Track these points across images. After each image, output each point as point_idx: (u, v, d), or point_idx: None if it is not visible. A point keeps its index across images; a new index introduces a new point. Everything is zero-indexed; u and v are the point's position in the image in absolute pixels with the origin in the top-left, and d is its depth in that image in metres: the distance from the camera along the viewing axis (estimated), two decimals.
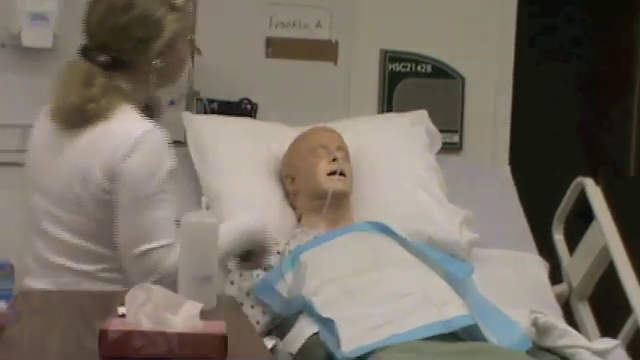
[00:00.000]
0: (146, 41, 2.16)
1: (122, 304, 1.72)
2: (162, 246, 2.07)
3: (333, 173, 2.84)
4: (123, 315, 1.68)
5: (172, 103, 3.40)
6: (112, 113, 2.18)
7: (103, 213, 2.14)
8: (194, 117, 3.16)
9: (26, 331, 1.77)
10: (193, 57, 3.35)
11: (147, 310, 1.61)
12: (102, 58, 2.19)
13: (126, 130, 2.14)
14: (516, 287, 2.84)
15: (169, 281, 2.00)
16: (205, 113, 3.40)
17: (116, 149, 2.12)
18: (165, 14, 2.14)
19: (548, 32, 4.55)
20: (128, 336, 1.57)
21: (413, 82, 3.67)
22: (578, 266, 3.15)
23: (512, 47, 3.73)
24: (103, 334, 1.57)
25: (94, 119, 2.18)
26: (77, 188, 2.15)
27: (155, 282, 1.99)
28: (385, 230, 2.71)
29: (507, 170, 3.39)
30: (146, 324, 1.60)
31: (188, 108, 3.36)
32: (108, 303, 1.88)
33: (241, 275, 2.69)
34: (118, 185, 2.10)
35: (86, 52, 2.22)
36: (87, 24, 2.23)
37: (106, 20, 2.16)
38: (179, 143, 3.24)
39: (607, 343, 2.54)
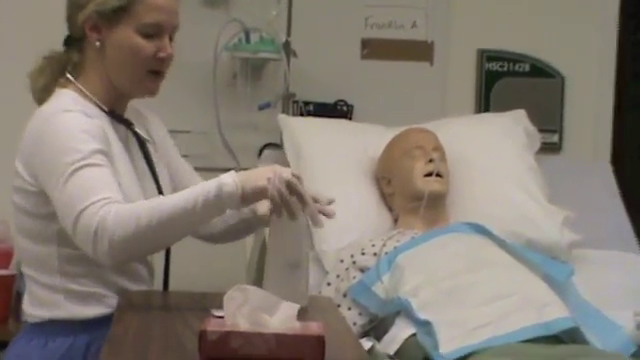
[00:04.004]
0: (79, 7, 2.09)
1: (216, 306, 1.74)
2: (91, 203, 1.89)
3: (429, 174, 2.82)
4: (220, 316, 1.69)
5: (268, 105, 3.44)
6: (47, 95, 2.10)
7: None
8: (290, 119, 3.18)
9: (129, 332, 1.80)
10: (289, 60, 3.38)
11: (244, 311, 1.62)
12: (65, 37, 2.15)
13: (35, 121, 2.05)
14: (619, 289, 2.78)
15: (119, 234, 1.87)
16: (301, 115, 3.42)
17: (26, 140, 2.05)
18: None
19: None
20: (226, 337, 1.58)
21: (511, 81, 3.64)
22: None
23: (614, 42, 3.66)
24: (203, 335, 1.59)
25: (35, 97, 2.14)
26: None
27: (96, 240, 1.88)
28: (483, 231, 2.68)
29: (609, 169, 3.32)
30: (244, 325, 1.60)
31: (284, 110, 3.38)
32: (204, 303, 1.90)
33: (338, 276, 2.69)
34: (38, 178, 2.02)
35: None
36: None
37: None
38: (275, 145, 3.28)
39: None
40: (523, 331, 2.27)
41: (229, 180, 1.91)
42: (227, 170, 3.37)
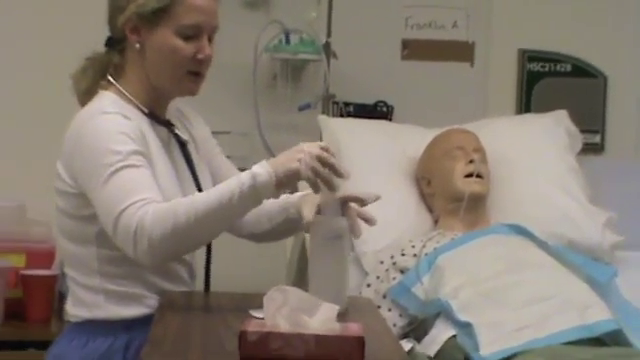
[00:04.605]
0: (119, 10, 2.10)
1: (257, 307, 1.74)
2: (130, 204, 1.91)
3: (470, 175, 2.81)
4: (259, 317, 1.70)
5: (308, 106, 3.44)
6: (90, 98, 2.12)
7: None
8: (330, 120, 3.18)
9: (170, 331, 1.81)
10: (329, 61, 3.38)
11: (284, 312, 1.62)
12: (106, 39, 2.16)
13: (75, 122, 2.07)
14: None
15: (157, 233, 1.88)
16: (341, 116, 3.42)
17: (66, 143, 2.07)
18: None
19: None
20: (266, 338, 1.58)
21: (552, 82, 3.61)
22: None
23: None
24: (243, 335, 1.59)
25: (79, 99, 2.15)
26: None
27: (136, 241, 1.88)
28: (524, 233, 2.67)
29: None
30: (284, 326, 1.61)
31: (324, 111, 3.39)
32: (245, 304, 1.91)
33: (378, 278, 2.68)
34: (79, 181, 2.03)
35: None
36: None
37: None
38: None
39: None
40: (565, 333, 2.25)
41: (261, 170, 1.91)
42: None
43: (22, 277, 3.17)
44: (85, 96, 2.15)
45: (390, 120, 3.46)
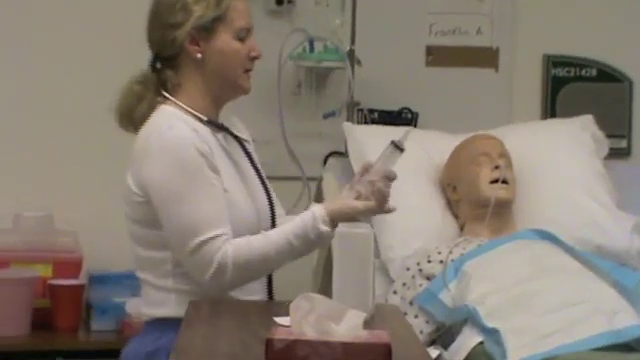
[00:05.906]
0: (174, 27, 2.18)
1: (283, 314, 1.74)
2: (212, 237, 2.08)
3: (495, 181, 2.80)
4: (285, 325, 1.70)
5: (333, 114, 3.44)
6: (150, 115, 2.20)
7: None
8: (355, 127, 3.18)
9: (197, 339, 1.82)
10: (353, 68, 3.38)
11: (311, 319, 1.62)
12: (151, 60, 2.24)
13: (142, 135, 2.17)
14: None
15: (234, 274, 2.09)
16: (365, 123, 3.42)
17: (135, 155, 2.16)
18: (192, 1, 2.18)
19: None
20: (293, 345, 1.59)
21: (578, 87, 3.60)
22: None
23: None
24: (269, 343, 1.59)
25: (138, 122, 2.22)
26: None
27: (215, 274, 2.07)
28: (550, 238, 2.66)
29: None
30: (310, 333, 1.61)
31: (349, 119, 3.39)
32: (271, 311, 1.91)
33: (404, 284, 2.68)
34: (147, 190, 2.13)
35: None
36: None
37: (148, 16, 2.24)
38: (340, 154, 3.28)
39: None
40: (593, 339, 2.24)
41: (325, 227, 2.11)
42: (292, 179, 3.40)
43: (49, 287, 3.18)
44: (144, 118, 2.20)
45: (415, 127, 3.46)
